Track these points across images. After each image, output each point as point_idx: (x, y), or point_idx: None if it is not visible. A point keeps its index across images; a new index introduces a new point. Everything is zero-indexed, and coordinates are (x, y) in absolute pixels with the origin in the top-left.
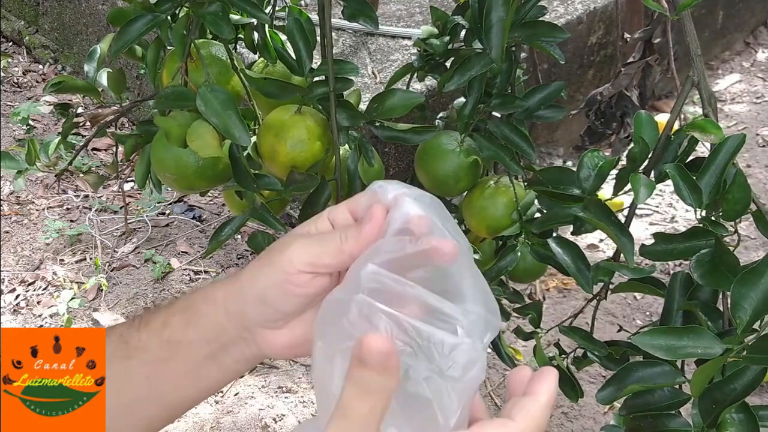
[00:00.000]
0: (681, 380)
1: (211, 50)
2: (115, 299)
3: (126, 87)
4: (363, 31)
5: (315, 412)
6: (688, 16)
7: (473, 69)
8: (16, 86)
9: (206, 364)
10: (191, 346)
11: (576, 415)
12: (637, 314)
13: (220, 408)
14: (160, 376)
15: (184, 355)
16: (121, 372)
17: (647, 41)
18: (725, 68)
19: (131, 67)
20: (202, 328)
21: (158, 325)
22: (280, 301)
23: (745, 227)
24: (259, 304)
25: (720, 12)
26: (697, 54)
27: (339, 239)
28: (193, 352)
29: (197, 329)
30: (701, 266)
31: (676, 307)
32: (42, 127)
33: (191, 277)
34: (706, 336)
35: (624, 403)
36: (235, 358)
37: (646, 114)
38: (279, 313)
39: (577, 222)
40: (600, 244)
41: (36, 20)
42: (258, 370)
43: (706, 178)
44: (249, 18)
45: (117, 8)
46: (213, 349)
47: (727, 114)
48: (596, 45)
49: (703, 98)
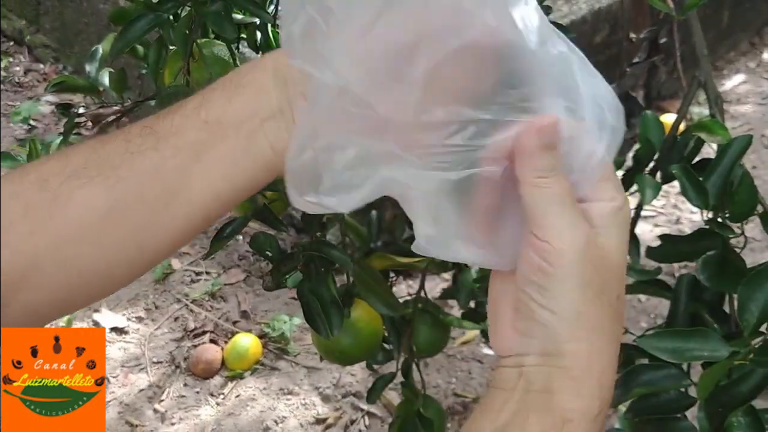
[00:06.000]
0: (687, 383)
1: (213, 50)
2: (116, 300)
3: (127, 87)
4: None
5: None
6: (694, 15)
7: None
8: (17, 86)
9: (240, 148)
10: (231, 125)
11: None
12: (641, 317)
13: (221, 410)
14: (194, 165)
15: (223, 136)
16: (148, 166)
17: (653, 41)
18: (731, 69)
19: (132, 67)
20: (246, 99)
21: (194, 106)
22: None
23: (750, 229)
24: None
25: (725, 12)
26: (704, 54)
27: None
28: (233, 131)
29: (240, 101)
30: (708, 268)
31: (682, 310)
32: (43, 126)
33: (192, 278)
34: (713, 339)
35: (629, 406)
36: (270, 141)
37: (652, 114)
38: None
39: None
40: None
41: (37, 19)
42: (259, 372)
43: (712, 179)
44: (252, 17)
45: (119, 7)
46: (252, 127)
47: (732, 115)
48: (601, 45)
49: (710, 99)
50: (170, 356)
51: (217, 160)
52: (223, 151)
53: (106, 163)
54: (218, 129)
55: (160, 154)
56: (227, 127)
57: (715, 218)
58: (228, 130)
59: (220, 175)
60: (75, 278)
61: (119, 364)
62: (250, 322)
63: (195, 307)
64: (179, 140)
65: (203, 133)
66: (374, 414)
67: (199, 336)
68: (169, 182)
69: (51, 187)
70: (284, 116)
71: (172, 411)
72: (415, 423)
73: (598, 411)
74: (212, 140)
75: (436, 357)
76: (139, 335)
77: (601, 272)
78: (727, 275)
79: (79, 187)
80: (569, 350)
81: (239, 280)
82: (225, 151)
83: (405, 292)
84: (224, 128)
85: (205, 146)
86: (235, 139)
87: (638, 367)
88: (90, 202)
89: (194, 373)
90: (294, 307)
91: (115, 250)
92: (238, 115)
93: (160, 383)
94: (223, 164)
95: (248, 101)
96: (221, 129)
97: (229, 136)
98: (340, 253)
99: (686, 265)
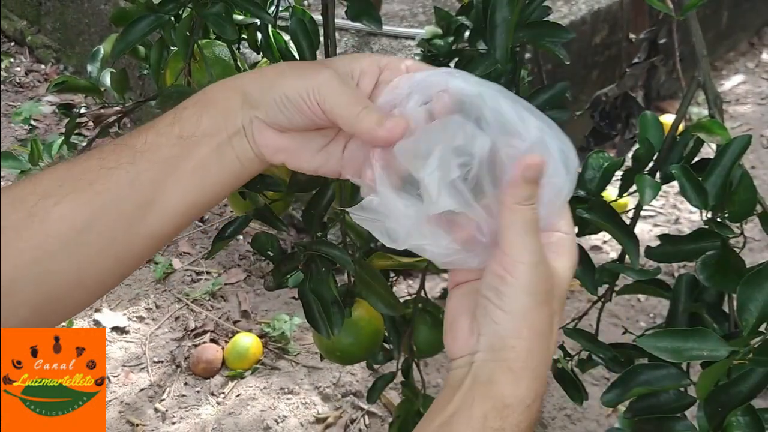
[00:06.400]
0: (686, 383)
1: (214, 51)
2: (117, 299)
3: (129, 87)
4: (366, 32)
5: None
6: (693, 16)
7: (477, 69)
8: (18, 86)
9: (211, 159)
10: (202, 139)
11: (579, 417)
12: (640, 316)
13: (222, 409)
14: (169, 178)
15: (194, 149)
16: (125, 179)
17: (652, 42)
18: (730, 69)
19: (134, 68)
20: (215, 116)
21: (167, 123)
22: (293, 113)
23: (749, 229)
24: (274, 105)
25: (725, 13)
26: (703, 54)
27: (361, 110)
28: (203, 145)
29: (210, 118)
30: (707, 268)
31: (682, 309)
32: (44, 127)
33: (193, 277)
34: (712, 338)
35: (629, 406)
36: (236, 153)
37: (651, 115)
38: (287, 121)
39: (582, 223)
40: (603, 246)
41: (38, 20)
42: (260, 371)
43: (711, 179)
44: (252, 18)
45: (120, 8)
46: (220, 140)
47: (731, 115)
48: (600, 45)
49: (709, 99)
50: (171, 356)
51: (190, 170)
52: (196, 162)
53: (81, 180)
54: (191, 143)
55: (136, 168)
56: (199, 140)
57: (715, 218)
58: (200, 143)
59: (193, 184)
60: (53, 291)
61: (120, 364)
62: (251, 321)
63: (196, 306)
64: (154, 155)
65: (176, 148)
66: (374, 413)
67: (199, 335)
68: (145, 193)
69: (26, 206)
70: (247, 133)
71: (172, 410)
72: (415, 422)
73: (532, 400)
74: (185, 153)
75: (436, 357)
76: (140, 335)
77: (548, 288)
78: (727, 275)
79: (55, 204)
80: (512, 345)
81: (240, 279)
82: (197, 162)
83: (405, 292)
84: (196, 141)
85: (179, 159)
86: (206, 151)
87: (638, 367)
88: (67, 217)
89: (195, 373)
90: (294, 306)
91: (92, 262)
92: (208, 130)
93: (160, 383)
94: (196, 174)
95: (217, 118)
96: (194, 143)
97: (201, 148)
98: (341, 253)
99: (685, 265)
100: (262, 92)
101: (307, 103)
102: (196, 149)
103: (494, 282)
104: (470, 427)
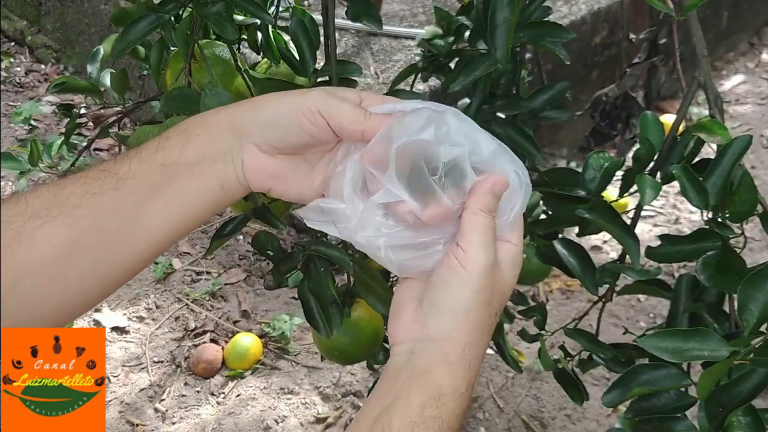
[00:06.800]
0: (687, 383)
1: (214, 51)
2: (117, 299)
3: (129, 87)
4: (366, 32)
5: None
6: (694, 16)
7: (478, 70)
8: (18, 86)
9: (192, 187)
10: (185, 167)
11: (579, 417)
12: (640, 316)
13: (222, 409)
14: (150, 204)
15: (176, 178)
16: (108, 204)
17: (653, 42)
18: (730, 69)
19: (134, 68)
20: (199, 145)
21: (150, 152)
22: (288, 129)
23: (749, 229)
24: (268, 125)
25: (725, 13)
26: (704, 54)
27: (363, 115)
28: (185, 173)
29: (193, 147)
30: (708, 268)
31: (682, 309)
32: (44, 127)
33: (193, 277)
34: (713, 338)
35: (629, 406)
36: (219, 180)
37: (651, 115)
38: (281, 140)
39: (582, 223)
40: (604, 246)
41: (38, 20)
42: (260, 371)
43: (712, 179)
44: (252, 18)
45: (120, 8)
46: (203, 168)
47: (731, 115)
48: (600, 45)
49: (709, 99)
50: (171, 356)
51: (171, 197)
52: (177, 190)
53: (66, 203)
54: (173, 171)
55: (119, 194)
56: (181, 168)
57: (715, 218)
58: (182, 171)
59: (174, 211)
60: (34, 313)
61: (120, 364)
62: (251, 321)
63: (195, 306)
64: (137, 181)
65: (159, 175)
66: None
67: (199, 335)
68: (128, 218)
69: (13, 226)
70: (234, 159)
71: (172, 410)
72: None
73: (465, 389)
74: (167, 181)
75: None
76: (140, 335)
77: (494, 290)
78: (727, 275)
79: (41, 225)
80: (453, 338)
81: (240, 279)
82: (178, 190)
83: None
84: (178, 169)
85: (161, 187)
86: (188, 179)
87: (638, 367)
88: (52, 239)
89: (195, 373)
90: (294, 306)
91: (74, 284)
92: (191, 158)
93: (160, 383)
94: (177, 201)
95: (201, 147)
96: (175, 171)
97: (182, 176)
98: (340, 254)
99: (686, 265)
100: (254, 115)
101: (307, 115)
102: (177, 177)
103: (447, 274)
104: (408, 416)
